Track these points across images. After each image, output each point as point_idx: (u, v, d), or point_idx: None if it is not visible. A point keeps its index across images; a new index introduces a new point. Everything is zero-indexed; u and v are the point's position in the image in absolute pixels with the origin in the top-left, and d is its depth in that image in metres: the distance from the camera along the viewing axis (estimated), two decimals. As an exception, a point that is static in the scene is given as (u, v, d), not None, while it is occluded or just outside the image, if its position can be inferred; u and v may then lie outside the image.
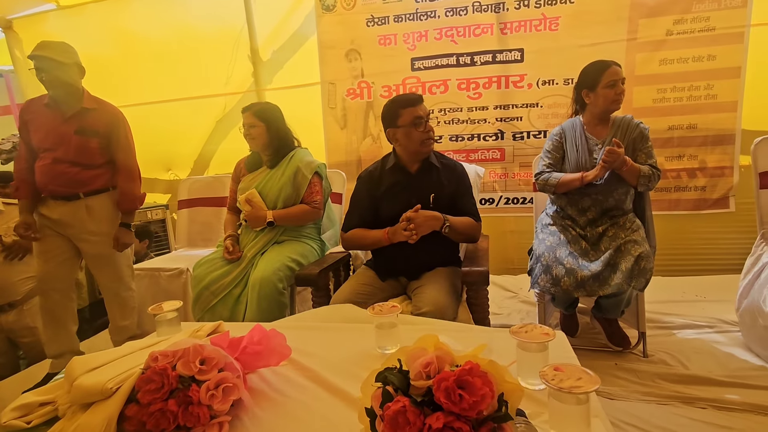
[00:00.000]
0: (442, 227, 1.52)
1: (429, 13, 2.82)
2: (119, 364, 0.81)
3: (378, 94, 3.01)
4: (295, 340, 0.98)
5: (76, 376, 0.78)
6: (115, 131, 1.93)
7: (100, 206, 1.91)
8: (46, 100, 1.85)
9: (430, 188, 1.61)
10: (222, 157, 3.34)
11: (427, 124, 1.59)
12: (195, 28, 3.14)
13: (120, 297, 2.01)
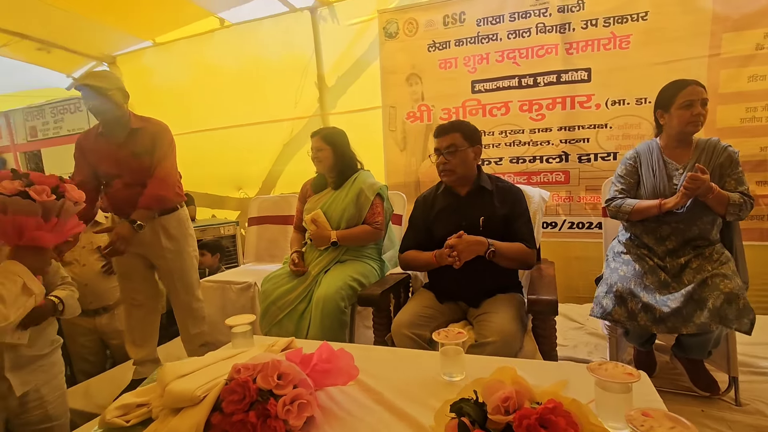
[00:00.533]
0: (486, 252, 1.51)
1: (490, 36, 2.84)
2: (205, 372, 0.88)
3: (438, 116, 3.05)
4: (360, 360, 1.00)
5: (167, 382, 0.86)
6: (159, 141, 1.94)
7: (173, 224, 2.02)
8: (100, 129, 1.93)
9: (481, 211, 1.62)
10: (288, 177, 3.53)
11: (440, 157, 1.65)
12: (268, 59, 3.40)
13: (191, 308, 2.13)
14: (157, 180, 1.88)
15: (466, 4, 2.86)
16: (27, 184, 0.99)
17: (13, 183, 0.99)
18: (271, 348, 0.99)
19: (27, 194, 0.98)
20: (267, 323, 1.89)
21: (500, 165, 2.93)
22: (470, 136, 1.65)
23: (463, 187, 1.70)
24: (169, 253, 2.02)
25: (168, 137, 1.98)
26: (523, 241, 1.59)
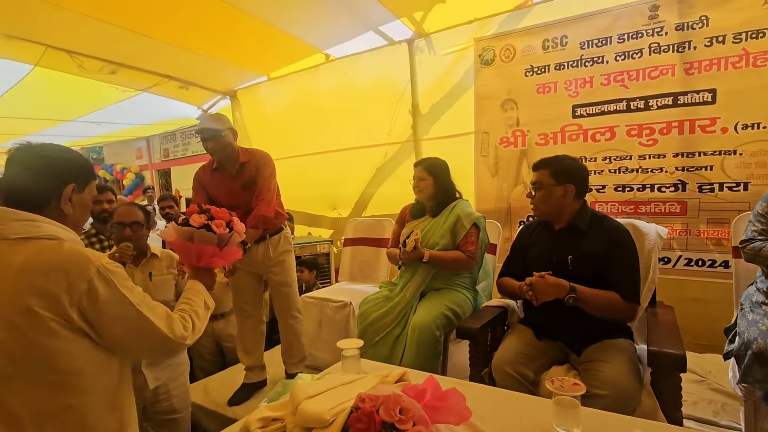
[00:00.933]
0: (566, 297, 1.44)
1: (595, 59, 2.71)
2: (332, 395, 0.97)
3: (533, 142, 2.98)
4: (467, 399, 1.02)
5: (299, 401, 0.96)
6: (261, 170, 2.12)
7: (280, 242, 2.23)
8: (215, 165, 2.15)
9: (570, 249, 1.56)
10: (380, 199, 3.69)
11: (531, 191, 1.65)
12: (365, 89, 3.63)
13: (292, 321, 2.32)
14: (261, 203, 2.07)
15: (569, 27, 2.78)
16: (209, 218, 1.26)
17: (201, 217, 1.26)
18: (386, 379, 1.05)
19: (209, 227, 1.25)
20: (364, 345, 1.99)
21: (603, 193, 2.76)
22: (560, 174, 1.61)
23: (558, 222, 1.68)
24: (276, 267, 2.23)
25: (270, 165, 2.18)
26: (620, 291, 1.47)
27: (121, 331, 0.97)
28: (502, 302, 1.85)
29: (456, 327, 1.72)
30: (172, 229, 1.28)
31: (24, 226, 0.93)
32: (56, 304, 0.89)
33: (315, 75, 3.85)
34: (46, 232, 0.94)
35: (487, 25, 3.13)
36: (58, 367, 0.90)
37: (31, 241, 0.92)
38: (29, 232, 0.93)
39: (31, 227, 0.93)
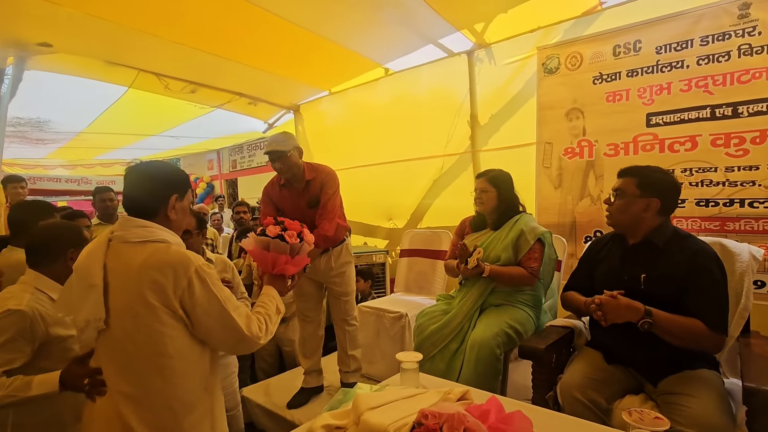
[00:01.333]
0: (640, 322, 1.31)
1: (674, 63, 2.52)
2: (393, 408, 0.97)
3: (602, 152, 2.81)
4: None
5: (362, 411, 0.98)
6: (325, 187, 2.18)
7: (342, 253, 2.29)
8: (282, 182, 2.23)
9: (644, 268, 1.44)
10: (436, 211, 3.67)
11: (609, 197, 1.55)
12: (423, 101, 3.65)
13: (349, 329, 2.37)
14: (324, 222, 2.13)
15: (643, 31, 2.61)
16: (283, 229, 1.41)
17: (276, 228, 1.41)
18: (448, 396, 1.04)
19: (283, 237, 1.40)
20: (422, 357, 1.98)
21: (683, 207, 2.53)
22: (647, 186, 1.49)
23: (632, 236, 1.55)
24: (337, 277, 2.29)
25: (334, 183, 2.25)
26: (704, 319, 1.32)
27: (209, 323, 1.12)
28: (568, 323, 1.75)
29: (518, 346, 1.65)
30: (252, 239, 1.43)
31: (142, 231, 1.12)
32: (165, 296, 1.07)
33: (374, 88, 3.94)
34: (158, 237, 1.12)
35: (551, 33, 3.04)
36: (165, 351, 1.08)
37: (148, 244, 1.11)
38: (145, 236, 1.12)
39: (147, 232, 1.12)
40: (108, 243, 1.14)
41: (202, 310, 1.11)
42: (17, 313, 1.28)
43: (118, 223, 1.17)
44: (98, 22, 2.65)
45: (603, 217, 2.82)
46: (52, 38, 2.83)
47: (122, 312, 1.08)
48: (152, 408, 1.09)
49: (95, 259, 1.12)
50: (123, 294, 1.09)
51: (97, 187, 3.30)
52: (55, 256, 1.44)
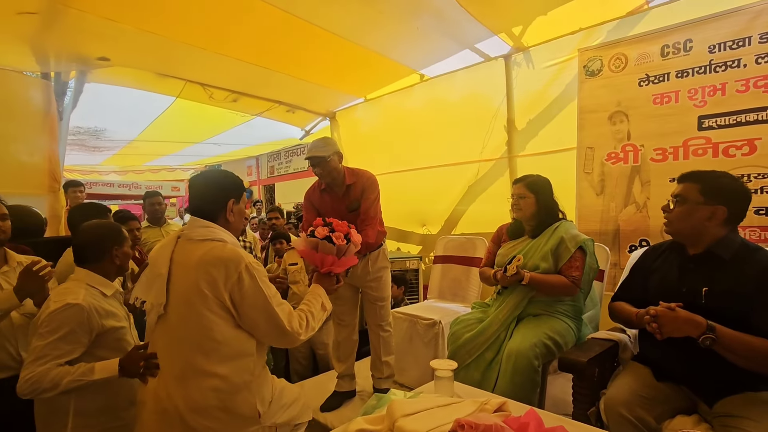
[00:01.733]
0: (701, 338, 1.21)
1: (729, 63, 2.37)
2: (429, 416, 0.96)
3: (648, 157, 2.68)
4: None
5: (396, 418, 0.97)
6: (366, 193, 2.22)
7: (379, 258, 2.30)
8: (323, 186, 2.27)
9: (706, 281, 1.33)
10: (470, 217, 3.62)
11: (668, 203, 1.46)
12: (459, 106, 3.62)
13: (383, 335, 2.37)
14: (367, 228, 2.15)
15: (694, 30, 2.48)
16: (330, 231, 1.51)
17: (324, 229, 1.53)
18: (485, 406, 1.01)
19: (330, 238, 1.50)
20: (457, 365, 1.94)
21: (760, 216, 2.36)
22: (713, 192, 1.38)
23: (693, 246, 1.45)
24: (374, 282, 2.30)
25: (375, 189, 2.28)
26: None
27: (254, 316, 1.25)
28: (612, 335, 1.67)
29: (558, 358, 1.59)
30: (302, 239, 1.57)
31: (204, 231, 1.30)
32: (216, 288, 1.21)
33: (409, 94, 3.95)
34: (216, 236, 1.29)
35: (593, 34, 2.94)
36: (213, 336, 1.21)
37: (208, 242, 1.27)
38: (206, 235, 1.29)
39: (208, 232, 1.30)
40: (177, 240, 1.32)
41: (249, 303, 1.24)
42: (76, 307, 1.38)
43: (187, 222, 1.36)
44: (150, 37, 2.83)
45: (648, 226, 2.70)
46: (109, 52, 3.05)
47: (179, 299, 1.24)
48: (199, 388, 1.20)
49: (164, 252, 1.30)
50: (181, 284, 1.24)
51: (147, 192, 3.50)
52: (100, 255, 1.53)
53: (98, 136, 5.41)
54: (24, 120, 3.10)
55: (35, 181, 3.13)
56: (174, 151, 6.69)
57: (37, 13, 2.49)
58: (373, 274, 2.27)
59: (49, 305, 1.38)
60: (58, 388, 1.29)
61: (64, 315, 1.36)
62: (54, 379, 1.29)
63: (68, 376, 1.31)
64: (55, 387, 1.29)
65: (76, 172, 7.37)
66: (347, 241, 1.52)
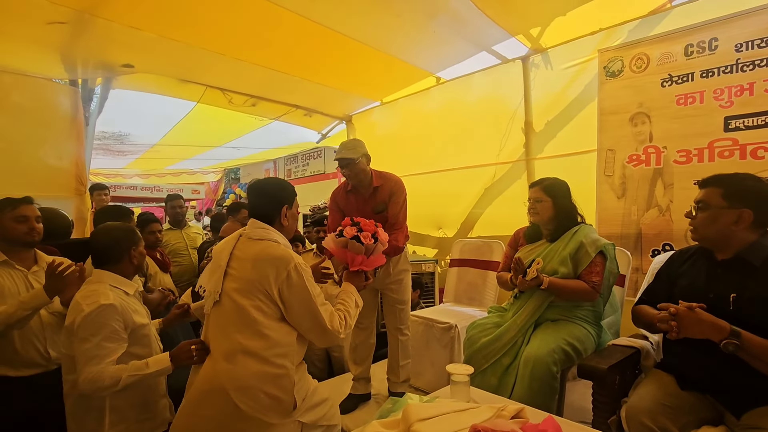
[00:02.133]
0: (723, 343, 1.18)
1: (757, 62, 2.29)
2: (445, 422, 0.96)
3: (671, 159, 2.61)
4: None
5: (411, 422, 0.97)
6: (394, 197, 2.26)
7: (400, 261, 2.31)
8: (349, 187, 2.32)
9: (734, 287, 1.28)
10: (487, 220, 3.58)
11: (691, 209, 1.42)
12: (476, 108, 3.59)
13: (402, 339, 2.37)
14: (397, 232, 2.19)
15: (720, 29, 2.41)
16: (359, 230, 1.61)
17: (352, 229, 1.63)
18: (501, 412, 1.00)
19: (359, 238, 1.59)
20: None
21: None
22: (737, 196, 1.34)
23: (721, 252, 1.40)
24: (394, 284, 2.31)
25: (403, 193, 2.31)
26: None
27: (300, 312, 1.39)
28: (634, 342, 1.63)
29: (577, 364, 1.56)
30: (331, 239, 1.67)
31: (261, 232, 1.47)
32: (268, 283, 1.36)
33: (425, 97, 3.95)
34: (271, 237, 1.46)
35: (613, 34, 2.88)
36: (259, 324, 1.35)
37: (263, 242, 1.44)
38: (263, 236, 1.46)
39: (265, 233, 1.47)
40: (239, 238, 1.49)
41: (295, 299, 1.38)
42: (110, 307, 1.44)
43: (248, 224, 1.52)
44: (172, 44, 2.91)
45: (672, 230, 2.63)
46: (134, 59, 3.14)
47: (233, 290, 1.38)
48: (245, 368, 1.32)
49: (226, 247, 1.48)
50: (237, 276, 1.40)
51: (169, 195, 3.58)
52: (119, 256, 1.60)
53: (122, 141, 5.57)
54: (52, 125, 3.23)
55: (63, 185, 3.25)
56: (194, 155, 6.83)
57: (66, 23, 2.59)
58: (394, 276, 2.29)
59: (82, 308, 1.42)
60: (119, 385, 1.38)
61: (101, 316, 1.42)
62: (113, 376, 1.38)
63: (126, 372, 1.40)
64: (116, 383, 1.38)
65: (101, 175, 7.60)
66: (375, 241, 1.60)
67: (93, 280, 1.55)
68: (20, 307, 1.57)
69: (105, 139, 5.36)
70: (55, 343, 1.76)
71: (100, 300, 1.43)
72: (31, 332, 1.71)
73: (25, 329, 1.68)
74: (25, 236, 1.78)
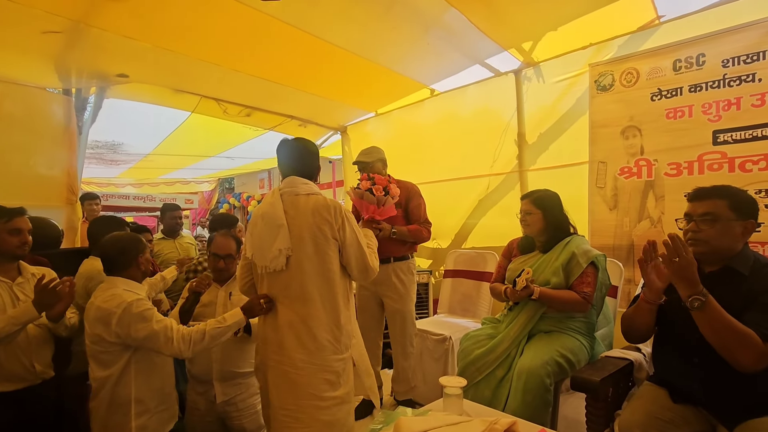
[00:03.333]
0: (691, 297, 1.24)
1: (744, 77, 2.34)
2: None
3: (662, 172, 2.64)
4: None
5: (403, 436, 0.96)
6: (413, 200, 2.52)
7: (404, 270, 2.36)
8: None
9: (726, 299, 1.28)
10: (481, 231, 3.59)
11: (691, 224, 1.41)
12: (469, 121, 3.63)
13: (406, 350, 2.36)
14: (424, 230, 2.51)
15: (707, 45, 2.46)
16: (372, 184, 1.95)
17: (367, 182, 1.98)
18: (494, 426, 0.99)
19: (371, 191, 1.93)
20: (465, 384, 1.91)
21: (758, 232, 2.30)
22: (742, 207, 1.35)
23: (710, 264, 1.40)
24: (396, 294, 2.33)
25: (419, 194, 2.63)
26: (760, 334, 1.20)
27: (351, 251, 1.60)
28: (627, 354, 1.62)
29: (570, 376, 1.55)
30: (351, 191, 2.10)
31: (306, 187, 1.62)
32: (332, 228, 1.56)
33: (419, 109, 3.98)
34: (317, 191, 1.64)
35: (604, 49, 2.94)
36: (330, 266, 1.57)
37: (314, 195, 1.61)
38: (311, 190, 1.62)
39: (310, 188, 1.63)
40: (281, 197, 1.61)
41: (349, 242, 1.59)
42: (137, 300, 1.55)
43: (285, 181, 1.65)
44: (167, 54, 2.91)
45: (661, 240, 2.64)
46: (128, 69, 3.14)
47: (301, 241, 1.55)
48: (316, 307, 1.54)
49: (278, 207, 1.59)
50: (301, 229, 1.55)
51: (166, 204, 3.55)
52: (128, 263, 1.67)
53: (115, 150, 5.54)
54: (45, 134, 3.20)
55: (54, 194, 3.21)
56: (188, 164, 6.81)
57: (61, 32, 2.59)
58: (397, 284, 2.35)
59: (112, 311, 1.51)
60: (206, 338, 1.56)
61: (137, 306, 1.52)
62: (199, 331, 1.56)
63: (209, 326, 1.58)
64: (203, 338, 1.55)
65: (93, 184, 7.54)
66: (386, 193, 1.88)
67: (107, 287, 1.61)
68: (9, 322, 1.55)
69: (98, 148, 5.33)
70: (42, 357, 1.73)
71: (125, 298, 1.53)
72: (16, 346, 1.68)
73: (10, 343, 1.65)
74: (16, 249, 1.77)
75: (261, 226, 1.60)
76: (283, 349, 1.54)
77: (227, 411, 1.92)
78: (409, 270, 2.40)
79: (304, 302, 1.53)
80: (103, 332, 1.52)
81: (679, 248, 1.25)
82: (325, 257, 1.55)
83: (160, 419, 1.64)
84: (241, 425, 1.92)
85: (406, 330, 2.36)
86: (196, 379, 1.95)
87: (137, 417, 1.55)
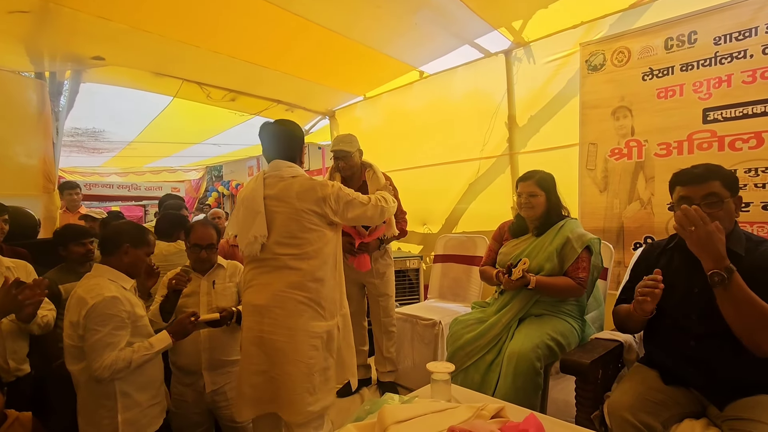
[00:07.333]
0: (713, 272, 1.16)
1: (735, 54, 2.31)
2: (422, 424, 0.91)
3: (652, 153, 2.62)
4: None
5: (387, 425, 0.92)
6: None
7: (383, 257, 2.35)
8: (337, 179, 2.40)
9: None
10: (471, 215, 3.56)
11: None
12: (459, 103, 3.56)
13: (388, 331, 2.40)
14: (401, 222, 2.48)
15: (699, 22, 2.41)
16: None
17: None
18: (481, 412, 0.96)
19: None
20: (454, 369, 1.89)
21: (746, 211, 2.29)
22: (731, 185, 1.33)
23: None
24: (377, 280, 2.37)
25: (392, 185, 2.46)
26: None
27: (355, 212, 1.66)
28: (617, 336, 1.61)
29: (560, 359, 1.53)
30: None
31: (291, 170, 1.64)
32: (320, 205, 1.59)
33: (408, 92, 3.90)
34: (300, 173, 1.65)
35: (595, 28, 2.88)
36: (310, 241, 1.60)
37: (299, 177, 1.62)
38: (295, 173, 1.63)
39: (294, 171, 1.64)
40: (264, 180, 1.62)
41: (346, 206, 1.65)
42: (114, 299, 1.48)
43: (270, 165, 1.67)
44: (145, 35, 2.79)
45: (653, 222, 2.64)
46: (104, 51, 3.01)
47: (283, 222, 1.58)
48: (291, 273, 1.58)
49: (258, 193, 1.60)
50: (284, 212, 1.58)
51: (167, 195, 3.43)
52: (113, 248, 1.60)
53: (97, 138, 5.38)
54: (18, 120, 3.07)
55: (29, 182, 3.10)
56: (174, 152, 6.66)
57: (29, 12, 2.46)
58: (377, 269, 2.35)
59: (86, 302, 1.46)
60: (131, 366, 1.48)
61: (108, 307, 1.46)
62: (126, 359, 1.47)
63: (136, 354, 1.50)
64: (129, 365, 1.48)
65: (76, 174, 7.36)
66: None
67: (93, 275, 1.57)
68: None
69: (78, 135, 5.17)
70: (15, 353, 1.67)
71: (104, 293, 1.48)
72: (-12, 343, 1.62)
73: None
74: None
75: (242, 210, 1.64)
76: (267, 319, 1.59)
77: (216, 401, 1.89)
78: (388, 254, 2.46)
79: (281, 278, 1.59)
80: (74, 319, 1.48)
81: (694, 217, 1.18)
82: (306, 235, 1.58)
83: (150, 413, 1.61)
84: (230, 414, 1.88)
85: (389, 311, 2.41)
86: (183, 371, 1.90)
87: (124, 411, 1.52)
